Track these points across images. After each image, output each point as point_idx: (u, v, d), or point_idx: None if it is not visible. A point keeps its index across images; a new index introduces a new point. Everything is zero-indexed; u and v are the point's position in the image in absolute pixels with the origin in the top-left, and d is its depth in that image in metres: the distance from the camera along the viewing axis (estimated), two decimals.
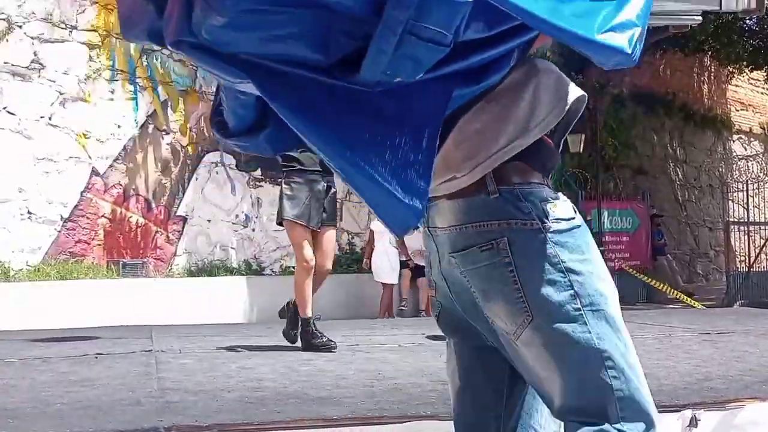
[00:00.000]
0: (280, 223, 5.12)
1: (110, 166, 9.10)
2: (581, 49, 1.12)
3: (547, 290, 1.32)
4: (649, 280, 12.11)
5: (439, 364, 4.34)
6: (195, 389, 3.58)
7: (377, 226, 10.47)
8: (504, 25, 1.18)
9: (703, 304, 10.95)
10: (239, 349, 5.02)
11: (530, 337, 1.33)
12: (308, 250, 4.83)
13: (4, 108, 8.58)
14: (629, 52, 1.13)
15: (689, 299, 11.18)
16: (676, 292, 11.61)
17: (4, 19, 8.57)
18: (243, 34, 1.07)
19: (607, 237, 12.17)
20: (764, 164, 14.08)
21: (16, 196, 8.51)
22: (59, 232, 8.72)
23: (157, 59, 9.47)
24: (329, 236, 5.04)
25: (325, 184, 4.92)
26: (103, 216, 9.00)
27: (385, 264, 9.90)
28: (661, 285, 12.13)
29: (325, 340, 4.84)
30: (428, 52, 1.10)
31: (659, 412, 3.01)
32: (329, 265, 5.08)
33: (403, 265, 10.33)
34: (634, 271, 12.13)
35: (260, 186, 10.07)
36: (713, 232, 16.89)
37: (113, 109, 9.14)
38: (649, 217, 13.33)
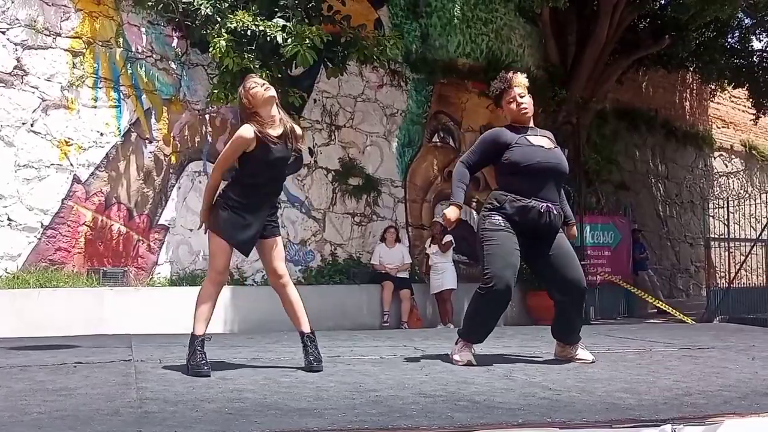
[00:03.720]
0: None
1: (92, 173, 9.05)
2: None
3: None
4: (640, 292, 12.19)
5: (420, 377, 4.34)
6: (174, 399, 3.56)
7: (428, 248, 10.67)
8: None
9: (681, 320, 11.02)
10: (219, 359, 4.98)
11: None
12: (223, 263, 4.56)
13: None
14: None
15: (679, 313, 11.24)
16: (667, 306, 11.69)
17: None
18: None
19: (588, 251, 12.21)
20: (745, 181, 14.19)
21: None
22: (39, 239, 8.65)
23: (141, 67, 9.44)
24: (272, 243, 4.68)
25: (270, 209, 4.68)
26: (84, 224, 8.94)
27: (439, 276, 10.48)
28: (650, 297, 12.21)
29: (204, 367, 4.37)
30: None
31: (639, 426, 3.03)
32: (281, 269, 4.69)
33: (385, 277, 10.34)
34: (621, 281, 12.18)
35: None
36: (694, 247, 17.02)
37: (96, 116, 9.10)
38: (630, 232, 13.41)
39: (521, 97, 5.02)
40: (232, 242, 4.58)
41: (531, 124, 5.10)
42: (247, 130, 4.49)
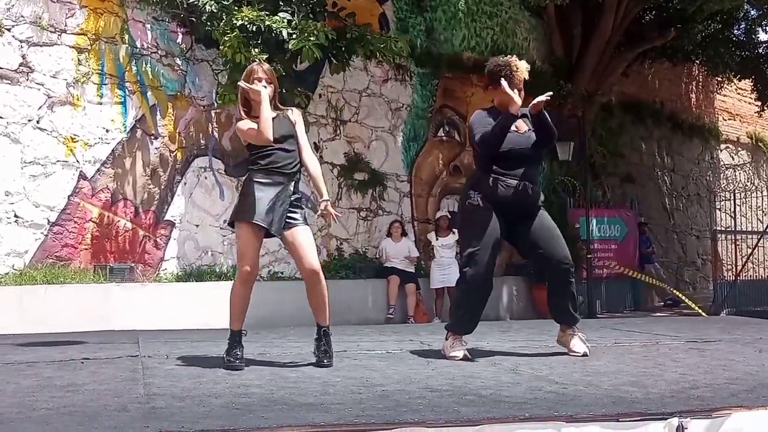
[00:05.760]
0: (231, 224, 4.74)
1: (98, 170, 9.06)
2: None
3: None
4: (654, 281, 12.18)
5: (426, 372, 4.35)
6: (181, 395, 3.57)
7: (435, 241, 10.64)
8: None
9: (690, 312, 11.02)
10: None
11: None
12: (250, 258, 4.54)
13: None
14: None
15: (693, 304, 11.26)
16: (682, 294, 11.72)
17: None
18: None
19: (595, 245, 12.20)
20: (751, 173, 14.17)
21: (2, 199, 8.46)
22: (46, 236, 8.67)
23: (146, 64, 9.44)
24: (303, 235, 4.64)
25: (292, 189, 4.65)
26: (90, 220, 8.96)
27: (445, 271, 10.38)
28: (661, 283, 12.21)
29: (236, 361, 4.49)
30: None
31: (646, 419, 3.04)
32: (315, 264, 4.63)
33: (391, 271, 10.34)
34: (632, 272, 12.15)
35: None
36: (700, 240, 16.98)
37: (102, 113, 9.10)
38: (636, 225, 13.39)
39: (518, 90, 5.03)
40: (258, 221, 4.52)
41: None
42: (243, 122, 4.68)
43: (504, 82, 4.89)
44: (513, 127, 4.99)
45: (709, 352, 5.32)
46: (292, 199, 4.65)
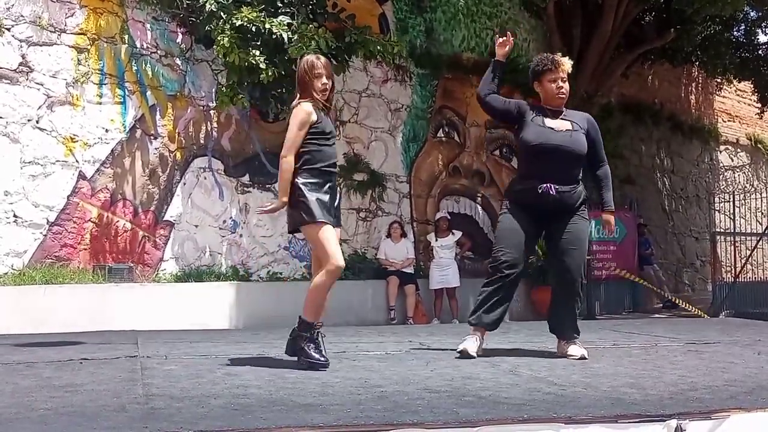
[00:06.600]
0: (294, 231, 4.86)
1: (97, 170, 9.06)
2: None
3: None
4: (646, 285, 12.18)
5: (425, 372, 4.34)
6: (180, 395, 3.56)
7: (435, 242, 10.64)
8: None
9: (689, 314, 11.01)
10: (225, 355, 4.99)
11: None
12: (341, 254, 4.53)
13: None
14: None
15: (692, 306, 11.26)
16: (678, 299, 11.72)
17: None
18: None
19: (594, 246, 12.18)
20: (750, 175, 14.17)
21: (1, 199, 8.46)
22: (45, 236, 8.67)
23: (146, 63, 9.44)
24: (337, 234, 4.72)
25: (335, 182, 4.70)
26: (89, 220, 8.96)
27: (444, 272, 10.43)
28: (659, 289, 12.19)
29: (317, 357, 4.49)
30: None
31: (645, 421, 3.03)
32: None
33: (391, 272, 10.34)
34: (630, 275, 12.15)
35: (248, 192, 10.05)
36: (700, 242, 16.97)
37: (101, 113, 9.11)
38: (636, 226, 13.38)
39: (563, 81, 5.12)
40: (331, 223, 4.57)
41: (562, 107, 5.21)
42: (306, 105, 4.61)
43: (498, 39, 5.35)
44: (548, 124, 5.05)
45: (708, 354, 5.32)
46: (336, 193, 4.69)
